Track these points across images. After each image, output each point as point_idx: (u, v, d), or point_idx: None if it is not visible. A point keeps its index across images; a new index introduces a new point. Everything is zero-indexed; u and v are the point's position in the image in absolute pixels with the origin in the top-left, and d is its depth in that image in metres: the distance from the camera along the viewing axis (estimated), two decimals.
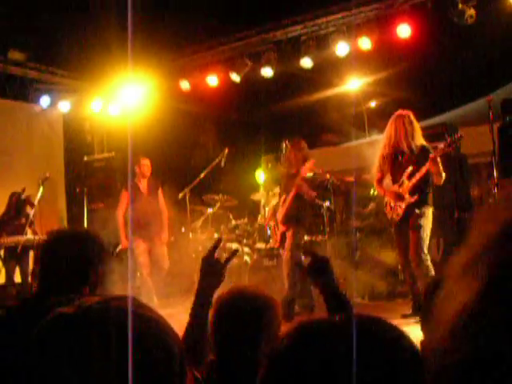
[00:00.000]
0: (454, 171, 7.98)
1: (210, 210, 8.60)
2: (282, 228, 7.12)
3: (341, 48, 8.44)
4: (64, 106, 10.50)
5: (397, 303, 7.59)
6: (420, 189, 6.19)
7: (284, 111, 11.40)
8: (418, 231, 6.10)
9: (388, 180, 6.63)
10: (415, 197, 6.15)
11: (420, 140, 6.34)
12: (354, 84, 12.79)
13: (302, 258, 6.08)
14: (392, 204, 6.38)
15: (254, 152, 10.63)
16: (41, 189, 8.26)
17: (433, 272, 6.02)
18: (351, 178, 9.62)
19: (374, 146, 12.23)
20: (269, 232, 8.08)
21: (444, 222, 7.00)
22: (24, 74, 10.09)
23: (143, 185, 8.19)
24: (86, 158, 10.47)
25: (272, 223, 7.55)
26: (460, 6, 7.42)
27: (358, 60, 9.08)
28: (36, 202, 8.23)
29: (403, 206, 6.23)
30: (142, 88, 10.02)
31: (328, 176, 8.02)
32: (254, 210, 9.40)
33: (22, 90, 10.21)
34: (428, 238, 6.21)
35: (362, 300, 7.89)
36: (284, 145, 7.71)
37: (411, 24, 7.95)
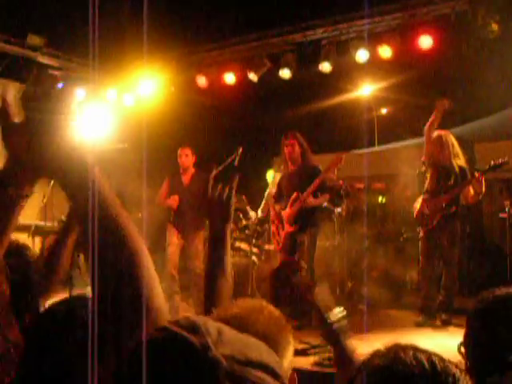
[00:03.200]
0: None
1: None
2: (288, 228, 6.95)
3: (361, 55, 8.43)
4: (79, 94, 10.50)
5: (403, 312, 7.60)
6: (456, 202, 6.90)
7: (297, 113, 11.39)
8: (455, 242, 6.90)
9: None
10: (453, 207, 6.82)
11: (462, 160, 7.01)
12: (367, 90, 12.81)
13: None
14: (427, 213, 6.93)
15: (265, 152, 10.61)
16: None
17: None
18: (361, 185, 9.63)
19: (385, 156, 12.26)
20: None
21: (455, 234, 7.04)
22: (41, 60, 10.08)
23: (187, 176, 7.99)
24: (98, 148, 10.44)
25: (274, 223, 7.30)
26: (484, 19, 7.42)
27: (375, 67, 9.08)
28: (49, 189, 8.24)
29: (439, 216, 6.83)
30: (158, 80, 10.01)
31: (341, 182, 8.02)
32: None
33: (38, 76, 10.20)
34: None
35: (367, 308, 7.89)
36: (282, 142, 7.36)
37: (433, 35, 7.94)
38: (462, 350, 1.74)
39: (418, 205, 7.14)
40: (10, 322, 1.15)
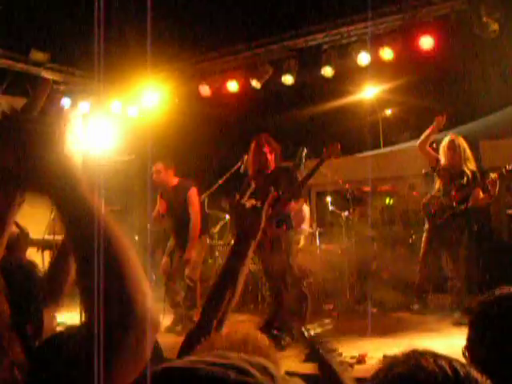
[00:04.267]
0: None
1: (227, 217, 8.63)
2: (274, 231, 6.65)
3: (362, 58, 8.42)
4: (83, 107, 10.54)
5: (411, 315, 7.58)
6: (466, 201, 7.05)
7: (301, 118, 11.41)
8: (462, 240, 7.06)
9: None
10: (463, 206, 6.99)
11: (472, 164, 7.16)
12: (370, 92, 12.82)
13: None
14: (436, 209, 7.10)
15: None
16: None
17: None
18: (368, 188, 9.63)
19: (391, 158, 12.25)
20: None
21: (463, 232, 7.05)
22: (45, 75, 10.14)
23: (169, 192, 7.55)
24: (104, 160, 10.47)
25: None
26: (484, 19, 7.40)
27: (377, 69, 9.07)
28: None
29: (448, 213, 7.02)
30: (162, 91, 10.06)
31: (347, 186, 8.01)
32: None
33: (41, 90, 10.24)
34: None
35: (377, 310, 7.87)
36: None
37: (434, 35, 7.94)
38: (466, 354, 1.71)
39: (426, 200, 7.20)
40: (13, 341, 1.13)
